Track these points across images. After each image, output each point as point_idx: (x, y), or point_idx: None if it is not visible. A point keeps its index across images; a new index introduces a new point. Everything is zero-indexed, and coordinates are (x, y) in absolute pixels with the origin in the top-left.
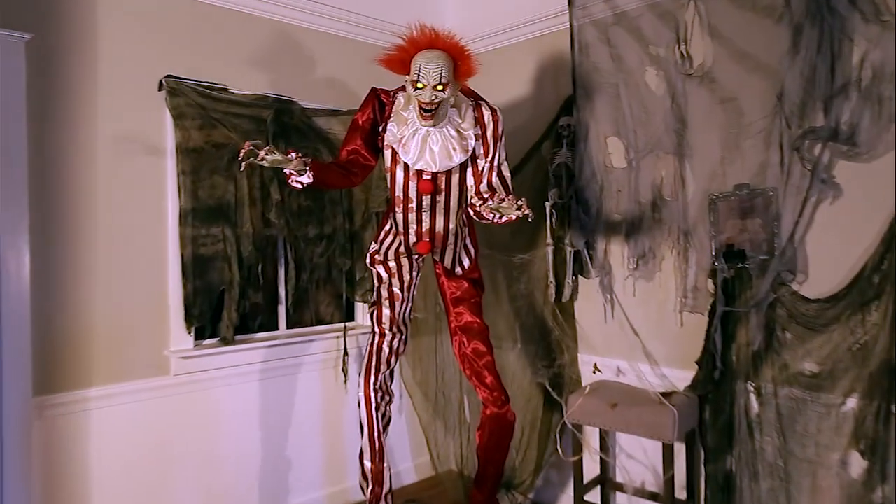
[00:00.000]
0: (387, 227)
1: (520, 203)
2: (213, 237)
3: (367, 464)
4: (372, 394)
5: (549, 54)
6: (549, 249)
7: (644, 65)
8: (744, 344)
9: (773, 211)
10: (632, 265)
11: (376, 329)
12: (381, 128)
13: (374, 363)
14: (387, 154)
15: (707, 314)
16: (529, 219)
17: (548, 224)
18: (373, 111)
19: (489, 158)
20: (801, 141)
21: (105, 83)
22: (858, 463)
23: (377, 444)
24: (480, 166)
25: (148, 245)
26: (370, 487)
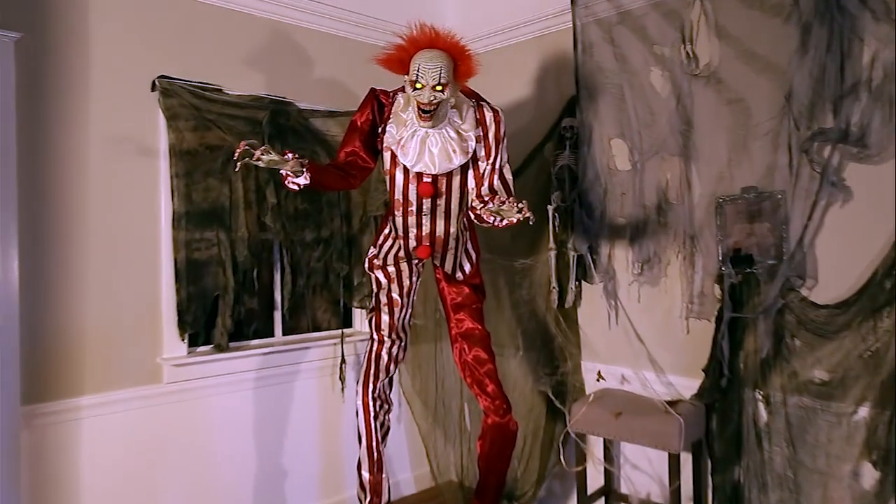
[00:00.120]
0: (386, 231)
1: (520, 205)
2: (208, 241)
3: (365, 474)
4: (370, 402)
5: (552, 54)
6: (552, 254)
7: (649, 65)
8: (752, 351)
9: (782, 214)
10: (636, 270)
11: (375, 336)
12: (380, 129)
13: (373, 371)
14: (386, 156)
15: (714, 320)
16: (531, 221)
17: (550, 228)
18: (371, 112)
19: (491, 161)
20: (810, 143)
21: (97, 83)
22: (871, 474)
23: (375, 455)
24: (482, 168)
25: (140, 249)
26: (368, 499)
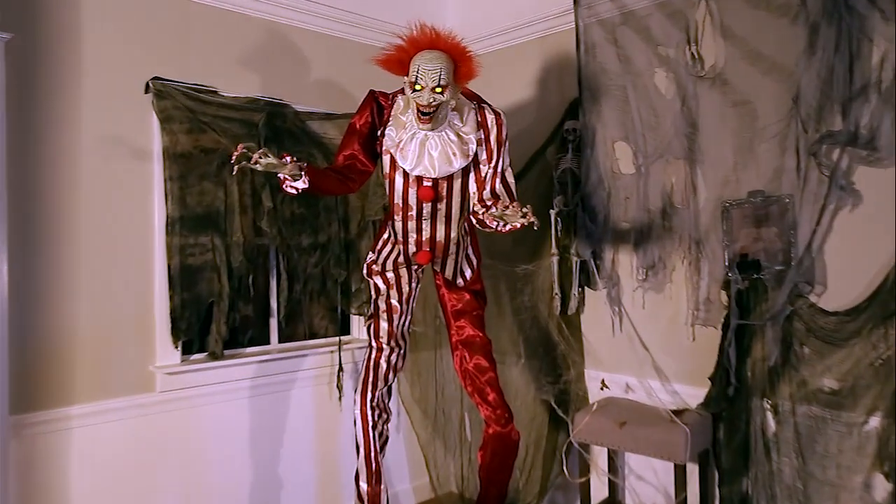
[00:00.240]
0: (385, 236)
1: (525, 210)
2: (202, 246)
3: (364, 486)
4: (368, 412)
5: (554, 55)
6: (555, 259)
7: (653, 66)
8: (759, 359)
9: (790, 219)
10: (641, 276)
11: (373, 343)
12: (380, 132)
13: (371, 379)
14: (385, 160)
15: (720, 327)
16: (535, 227)
17: (553, 233)
18: (371, 115)
19: (492, 164)
20: (819, 145)
21: (89, 85)
22: (883, 486)
23: (374, 465)
24: (483, 172)
25: (133, 254)
26: None
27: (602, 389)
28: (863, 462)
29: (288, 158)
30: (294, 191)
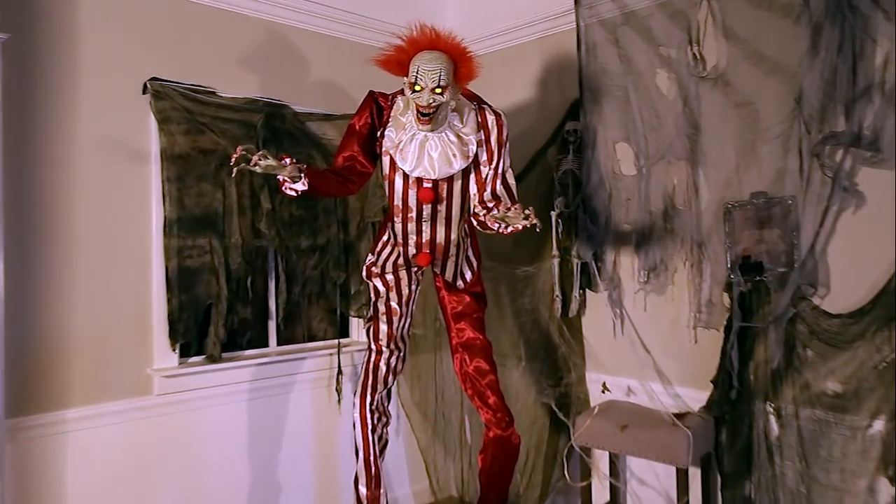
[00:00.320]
0: (384, 238)
1: (527, 212)
2: (200, 248)
3: (363, 490)
4: (368, 415)
5: (555, 56)
6: (555, 261)
7: (654, 67)
8: (762, 362)
9: (792, 220)
10: (642, 278)
11: (373, 346)
12: (379, 133)
13: (371, 382)
14: (385, 161)
15: (723, 330)
16: (538, 229)
17: (553, 234)
18: (370, 116)
19: (493, 165)
20: (822, 147)
21: (86, 85)
22: (887, 490)
23: (373, 469)
24: (484, 173)
25: (130, 256)
26: None
27: (603, 392)
28: (867, 466)
29: (287, 160)
30: (294, 193)
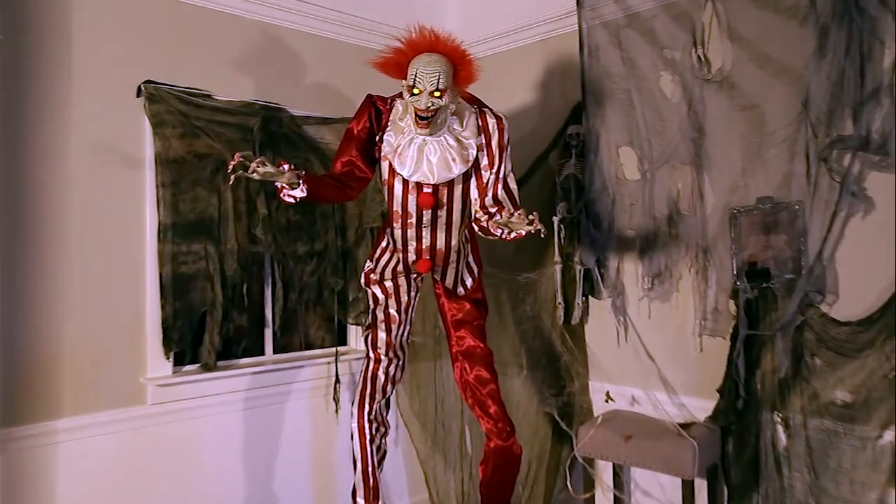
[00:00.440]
0: (383, 244)
1: (531, 217)
2: (195, 254)
3: (361, 502)
4: (366, 425)
5: (557, 58)
6: (558, 268)
7: (658, 69)
8: (769, 371)
9: (800, 226)
10: (646, 285)
11: (371, 354)
12: (378, 138)
13: (369, 391)
14: (384, 166)
15: (729, 338)
16: (542, 234)
17: (556, 240)
18: (368, 120)
19: (494, 170)
20: (829, 151)
21: (80, 88)
22: None
23: (371, 481)
24: (485, 178)
25: (123, 262)
26: None
27: (607, 402)
28: (877, 478)
29: (286, 167)
30: (292, 200)
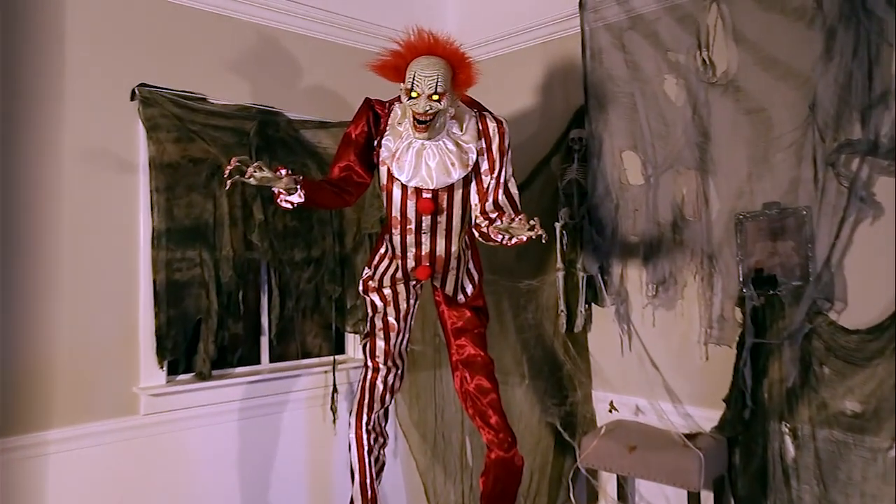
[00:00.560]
0: (382, 251)
1: (532, 223)
2: (190, 261)
3: None
4: (364, 435)
5: (559, 61)
6: (560, 275)
7: (662, 72)
8: (777, 380)
9: (807, 232)
10: (651, 292)
11: (369, 363)
12: (376, 142)
13: (367, 401)
14: (382, 171)
15: (735, 347)
16: (544, 240)
17: (558, 247)
18: (367, 124)
19: (495, 174)
20: (837, 155)
21: (72, 92)
22: None
23: (370, 492)
24: (486, 183)
25: (116, 269)
26: None
27: (610, 412)
28: (888, 490)
29: (283, 172)
30: (290, 205)
